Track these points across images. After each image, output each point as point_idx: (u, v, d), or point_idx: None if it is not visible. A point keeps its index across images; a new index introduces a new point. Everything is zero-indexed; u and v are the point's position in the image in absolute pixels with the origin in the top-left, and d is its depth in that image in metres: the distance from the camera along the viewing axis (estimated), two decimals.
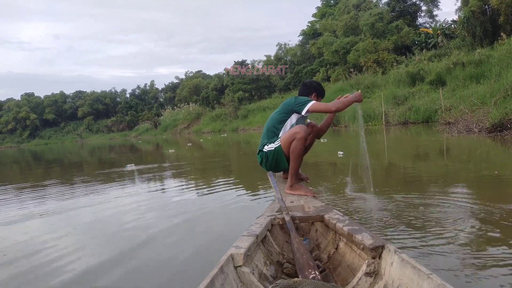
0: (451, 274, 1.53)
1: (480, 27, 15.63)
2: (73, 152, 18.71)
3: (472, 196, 2.88)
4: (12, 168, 11.25)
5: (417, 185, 3.41)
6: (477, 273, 1.53)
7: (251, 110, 27.52)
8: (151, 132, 39.11)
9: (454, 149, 6.07)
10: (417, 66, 16.44)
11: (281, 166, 2.50)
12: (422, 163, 4.98)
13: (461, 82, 13.11)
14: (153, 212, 3.21)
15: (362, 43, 21.46)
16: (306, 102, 2.42)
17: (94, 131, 48.54)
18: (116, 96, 52.38)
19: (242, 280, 1.27)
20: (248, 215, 2.67)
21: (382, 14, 22.03)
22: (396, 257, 1.20)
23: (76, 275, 1.93)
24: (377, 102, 15.04)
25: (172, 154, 10.17)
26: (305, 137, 2.31)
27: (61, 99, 52.52)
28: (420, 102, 13.40)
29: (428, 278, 1.03)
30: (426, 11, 25.35)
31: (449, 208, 2.47)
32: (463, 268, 1.58)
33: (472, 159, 4.85)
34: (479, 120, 7.66)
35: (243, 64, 32.74)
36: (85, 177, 6.64)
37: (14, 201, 4.38)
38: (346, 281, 1.36)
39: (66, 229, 2.88)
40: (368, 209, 2.59)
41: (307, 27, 31.97)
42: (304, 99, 2.45)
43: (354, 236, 1.40)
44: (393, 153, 6.27)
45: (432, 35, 20.98)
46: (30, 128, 50.34)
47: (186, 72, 48.24)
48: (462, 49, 16.21)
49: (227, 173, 5.64)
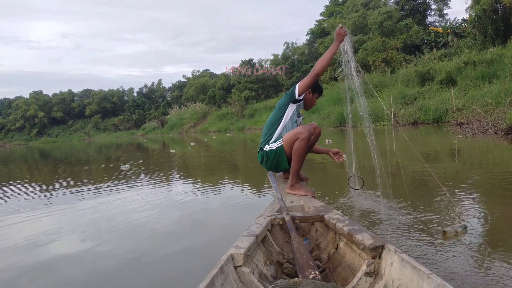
0: (451, 274, 1.51)
1: (492, 25, 15.35)
2: (80, 150, 18.94)
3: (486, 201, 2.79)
4: (20, 166, 11.44)
5: (424, 189, 3.36)
6: (477, 273, 1.50)
7: (257, 109, 27.53)
8: (157, 131, 39.40)
9: (470, 152, 5.74)
10: (426, 66, 16.22)
11: (282, 166, 2.48)
12: (437, 165, 4.68)
13: (472, 81, 12.89)
14: (152, 212, 3.21)
15: (371, 42, 21.28)
16: (293, 88, 2.47)
17: (101, 129, 49.09)
18: (123, 94, 52.89)
19: (242, 280, 1.27)
20: (248, 215, 2.66)
21: (391, 13, 21.80)
22: (396, 257, 1.19)
23: (75, 274, 1.94)
24: (385, 102, 14.89)
25: (173, 154, 10.13)
26: (308, 137, 2.29)
27: (69, 97, 53.22)
28: (430, 102, 13.20)
29: (428, 278, 1.02)
30: (436, 9, 25.01)
31: (453, 210, 2.42)
32: (463, 268, 1.55)
33: (492, 163, 4.56)
34: (495, 121, 7.40)
35: (250, 63, 32.76)
36: (85, 176, 6.71)
37: (13, 199, 4.44)
38: (346, 281, 1.35)
39: (68, 227, 2.90)
40: (369, 209, 2.56)
41: (315, 25, 31.80)
42: (293, 87, 2.48)
43: (354, 236, 1.39)
44: (404, 155, 5.93)
45: (442, 34, 20.70)
46: (38, 126, 51.10)
47: (193, 71, 48.51)
48: (473, 48, 15.94)
49: (227, 173, 5.63)
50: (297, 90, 2.42)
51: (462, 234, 1.96)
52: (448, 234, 1.94)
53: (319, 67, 2.31)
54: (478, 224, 2.11)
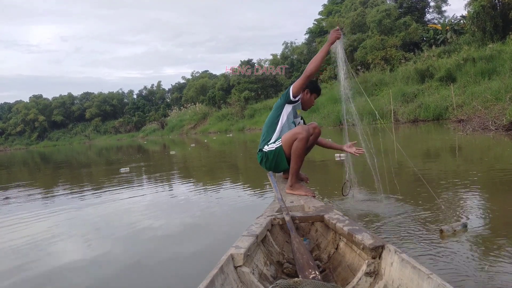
0: (451, 274, 1.50)
1: (491, 21, 15.34)
2: (81, 153, 18.96)
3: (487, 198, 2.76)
4: (20, 170, 11.45)
5: (426, 187, 3.34)
6: (477, 273, 1.49)
7: (257, 109, 27.53)
8: (158, 133, 39.42)
9: (471, 149, 5.70)
10: (426, 63, 16.20)
11: (281, 167, 2.48)
12: (437, 163, 4.70)
13: (472, 78, 12.86)
14: (152, 213, 3.20)
15: (370, 40, 21.27)
16: (288, 89, 2.48)
17: (101, 132, 49.14)
18: (123, 97, 52.93)
19: (242, 280, 1.27)
20: (248, 215, 2.65)
21: (390, 11, 21.79)
22: (396, 257, 1.19)
23: (76, 276, 1.93)
24: (385, 100, 14.87)
25: (173, 156, 10.11)
26: (307, 137, 2.29)
27: (69, 100, 53.28)
28: (430, 99, 13.17)
29: (428, 278, 1.01)
30: (434, 7, 25.00)
31: (455, 210, 2.41)
32: (463, 268, 1.54)
33: (493, 159, 4.49)
34: (495, 117, 7.38)
35: (249, 63, 32.76)
36: (85, 179, 6.72)
37: (13, 202, 4.44)
38: (346, 281, 1.35)
39: (68, 231, 2.89)
40: (369, 210, 2.55)
41: (313, 25, 31.79)
42: (287, 89, 2.50)
43: (354, 236, 1.39)
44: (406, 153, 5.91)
45: (441, 31, 20.68)
46: (38, 130, 51.17)
47: (193, 72, 48.62)
48: (472, 45, 15.92)
49: (227, 173, 5.63)
50: (291, 91, 2.43)
51: (461, 232, 1.91)
52: (446, 232, 1.90)
53: (311, 68, 2.30)
54: (478, 223, 2.08)
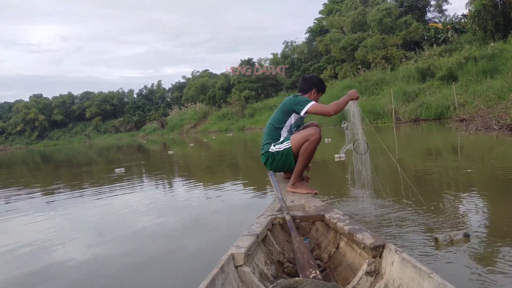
0: (451, 273, 1.49)
1: (492, 20, 15.29)
2: (81, 153, 18.97)
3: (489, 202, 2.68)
4: (20, 169, 11.46)
5: (429, 188, 3.34)
6: (478, 273, 1.49)
7: (257, 108, 27.52)
8: (158, 132, 39.43)
9: (475, 149, 5.58)
10: (427, 62, 16.16)
11: (287, 167, 2.48)
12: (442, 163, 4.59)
13: (473, 77, 12.82)
14: (152, 212, 3.20)
15: (370, 39, 21.23)
16: (305, 102, 2.36)
17: (102, 131, 49.15)
18: (123, 96, 52.93)
19: (243, 280, 1.26)
20: (248, 214, 2.65)
21: (390, 9, 21.75)
22: (396, 256, 1.18)
23: (75, 273, 1.93)
24: (386, 99, 14.84)
25: (172, 156, 10.09)
26: (319, 139, 2.32)
27: (69, 100, 53.29)
28: (432, 98, 13.12)
29: (429, 277, 1.01)
30: (435, 5, 24.96)
31: (456, 211, 2.40)
32: (463, 268, 1.54)
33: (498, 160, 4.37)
34: (499, 116, 7.26)
35: (249, 62, 32.74)
36: (85, 178, 6.72)
37: (13, 202, 4.44)
38: (346, 281, 1.34)
39: (68, 231, 2.90)
40: (369, 210, 2.54)
41: (314, 24, 31.77)
42: (304, 99, 2.39)
43: (355, 236, 1.38)
44: (408, 153, 5.82)
45: (442, 30, 20.63)
46: (38, 129, 51.19)
47: (193, 71, 48.56)
48: (473, 44, 15.88)
49: (227, 173, 5.62)
50: (304, 110, 2.35)
51: (460, 242, 1.74)
52: (441, 242, 1.73)
53: (334, 113, 2.33)
54: (479, 231, 1.93)
